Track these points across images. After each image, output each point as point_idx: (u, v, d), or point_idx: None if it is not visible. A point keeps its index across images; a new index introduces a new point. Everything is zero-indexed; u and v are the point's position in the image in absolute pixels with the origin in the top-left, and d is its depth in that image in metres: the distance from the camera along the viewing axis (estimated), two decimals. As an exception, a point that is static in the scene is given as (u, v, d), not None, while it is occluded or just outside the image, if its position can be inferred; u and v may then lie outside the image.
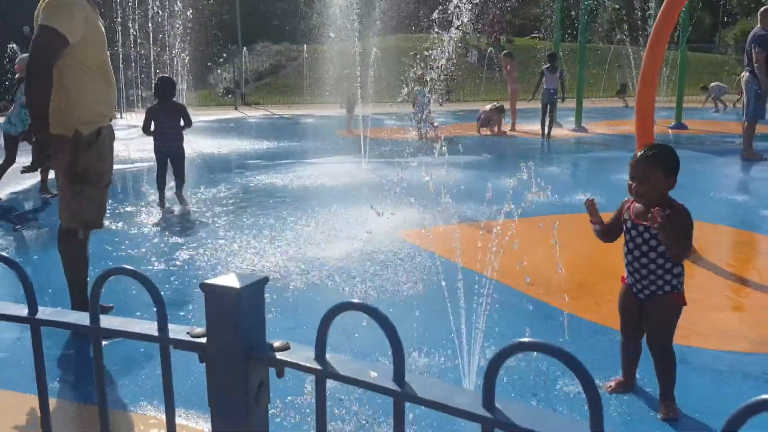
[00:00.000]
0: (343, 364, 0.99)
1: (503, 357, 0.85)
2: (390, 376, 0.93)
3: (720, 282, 4.64)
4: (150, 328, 1.13)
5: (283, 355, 1.03)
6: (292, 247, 5.43)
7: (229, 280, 1.02)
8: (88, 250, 3.87)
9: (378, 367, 0.97)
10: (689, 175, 7.36)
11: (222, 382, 1.05)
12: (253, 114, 22.61)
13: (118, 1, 20.25)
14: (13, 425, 2.79)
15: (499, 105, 15.19)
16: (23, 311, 1.21)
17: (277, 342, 1.05)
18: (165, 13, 20.91)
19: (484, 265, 3.59)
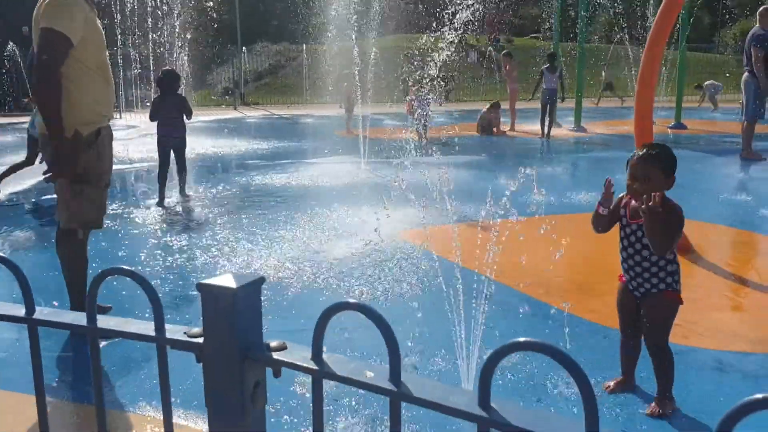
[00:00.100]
0: (339, 364, 0.99)
1: (499, 357, 0.85)
2: (386, 376, 0.93)
3: (719, 282, 4.64)
4: (147, 328, 1.13)
5: (279, 355, 1.03)
6: (291, 247, 5.43)
7: (225, 281, 1.02)
8: (88, 250, 3.87)
9: (375, 367, 0.97)
10: (689, 175, 7.38)
11: (218, 382, 1.05)
12: (252, 114, 22.61)
13: (118, 2, 20.24)
14: (12, 425, 2.79)
15: (494, 102, 15.18)
16: (20, 311, 1.21)
17: (274, 342, 1.05)
18: (164, 13, 20.91)
19: (483, 265, 3.59)
